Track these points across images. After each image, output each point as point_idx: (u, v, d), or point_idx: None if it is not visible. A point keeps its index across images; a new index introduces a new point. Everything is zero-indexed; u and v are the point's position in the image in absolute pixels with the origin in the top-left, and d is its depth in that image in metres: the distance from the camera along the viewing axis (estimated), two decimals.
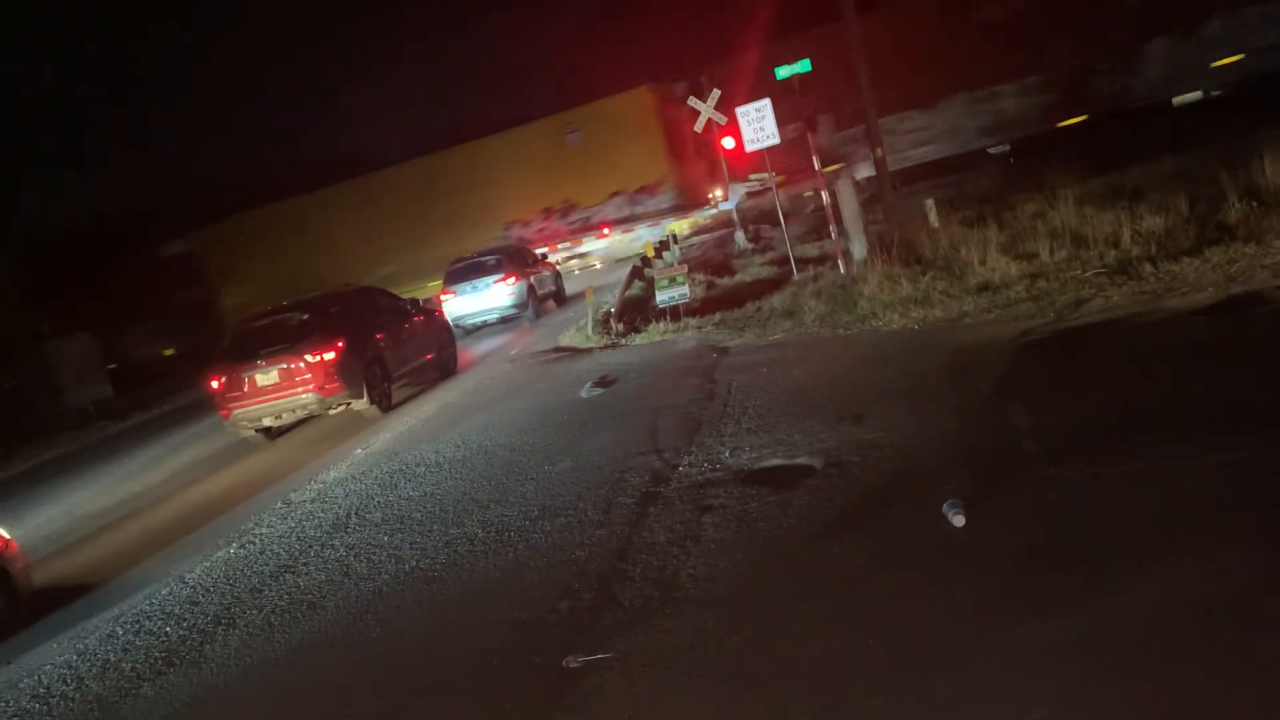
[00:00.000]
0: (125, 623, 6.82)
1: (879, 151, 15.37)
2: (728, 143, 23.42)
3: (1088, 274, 9.73)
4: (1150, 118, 21.67)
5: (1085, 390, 6.63)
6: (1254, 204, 10.02)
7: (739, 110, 14.59)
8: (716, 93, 19.78)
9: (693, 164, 28.48)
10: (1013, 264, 10.90)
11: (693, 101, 20.66)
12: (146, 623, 6.71)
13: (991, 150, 24.92)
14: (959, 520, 4.90)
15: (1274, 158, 10.79)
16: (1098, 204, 12.57)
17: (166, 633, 6.44)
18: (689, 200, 29.87)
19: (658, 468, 7.20)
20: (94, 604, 7.65)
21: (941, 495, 5.18)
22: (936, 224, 14.54)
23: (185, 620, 6.57)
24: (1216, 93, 24.45)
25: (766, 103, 14.33)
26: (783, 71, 14.70)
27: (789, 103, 14.96)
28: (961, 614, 4.15)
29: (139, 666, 6.01)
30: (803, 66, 14.33)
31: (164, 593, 7.27)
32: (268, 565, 7.31)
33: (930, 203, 15.42)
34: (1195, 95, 24.66)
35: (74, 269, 32.15)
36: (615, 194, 30.84)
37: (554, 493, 7.22)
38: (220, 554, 7.92)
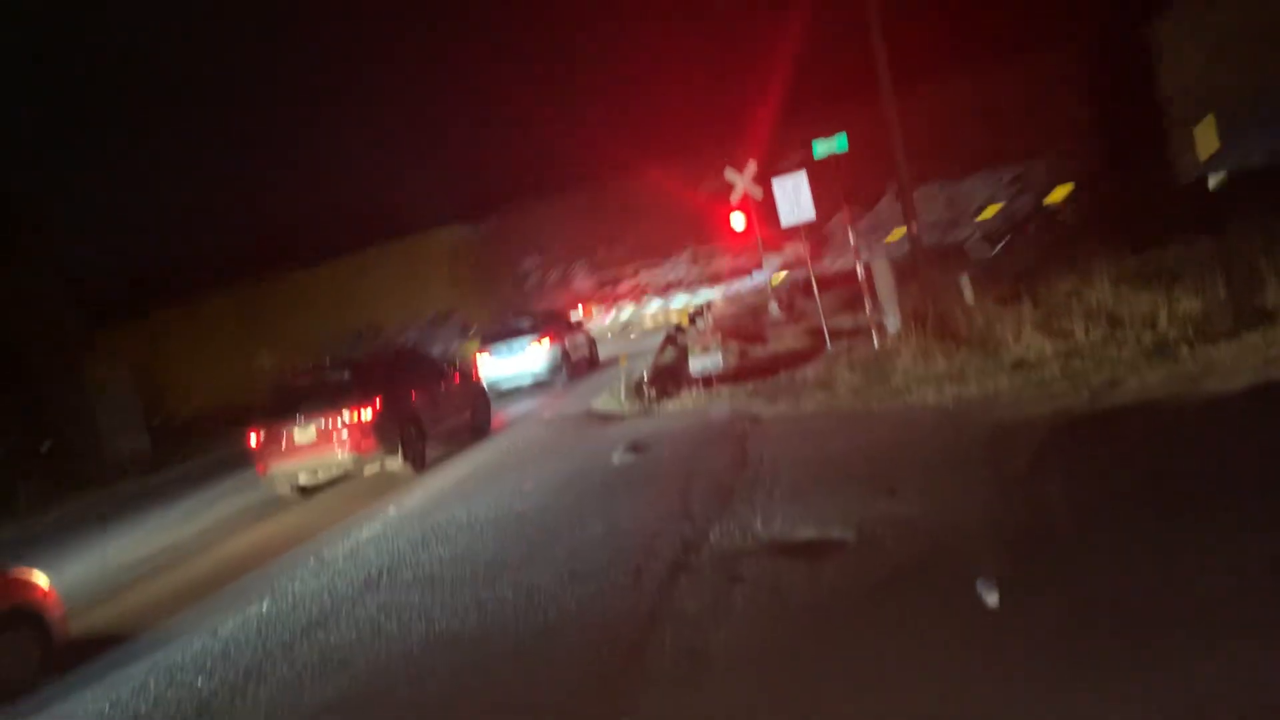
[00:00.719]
0: (158, 674, 6.89)
1: (913, 227, 15.48)
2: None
3: (1124, 355, 9.72)
4: (1187, 198, 21.63)
5: (1119, 473, 6.61)
6: None
7: (775, 181, 14.70)
8: (753, 165, 20.06)
9: (736, 235, 28.72)
10: (1047, 342, 10.89)
11: (729, 173, 20.96)
12: (179, 675, 6.78)
13: (1025, 229, 25.01)
14: (992, 599, 4.89)
15: None
16: (1134, 283, 12.57)
17: (198, 686, 6.50)
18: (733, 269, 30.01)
19: (689, 535, 7.22)
20: (128, 655, 7.72)
21: (975, 573, 5.17)
22: (972, 300, 14.57)
23: (217, 674, 6.62)
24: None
25: (802, 174, 14.40)
26: (820, 148, 14.88)
27: (823, 178, 15.12)
28: (993, 695, 4.13)
29: (170, 719, 6.07)
30: (840, 144, 14.48)
31: (197, 645, 7.34)
32: (299, 621, 7.37)
33: (965, 278, 15.47)
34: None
35: (115, 320, 32.73)
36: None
37: (585, 557, 7.26)
38: (253, 609, 7.99)
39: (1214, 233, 15.40)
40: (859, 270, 14.75)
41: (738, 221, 24.32)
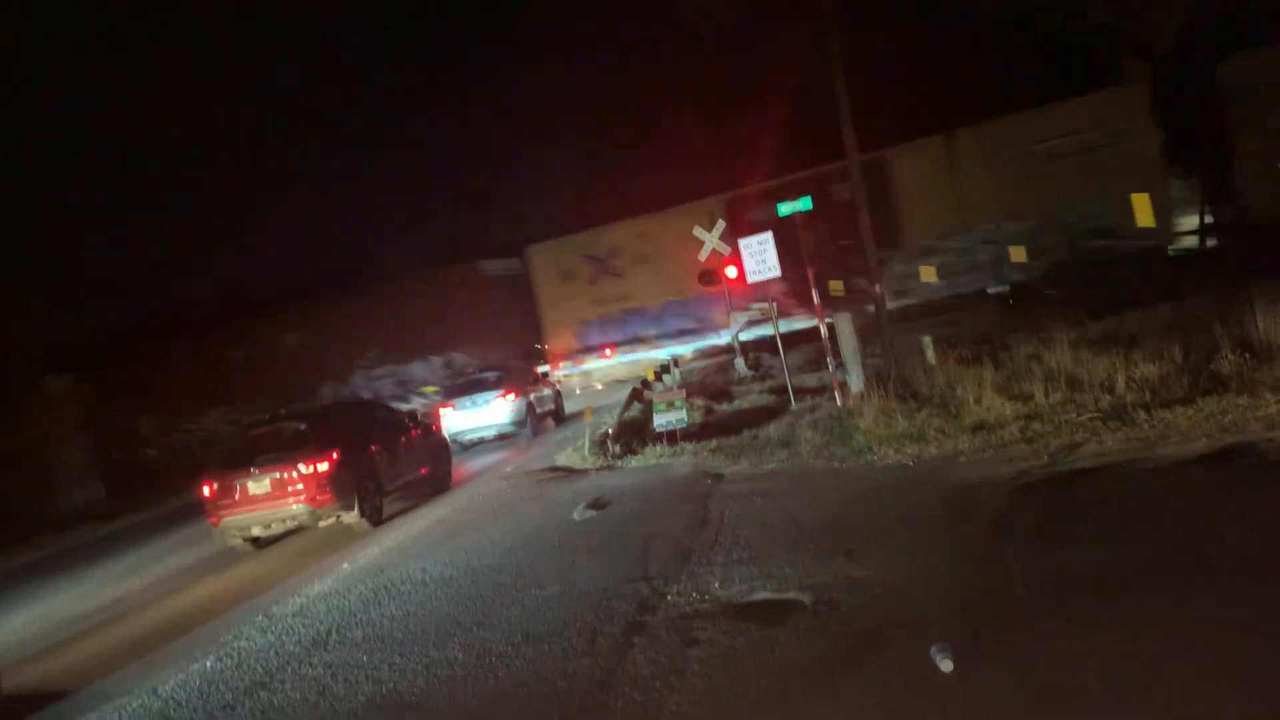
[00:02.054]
0: None
1: (877, 288, 15.63)
2: (731, 272, 23.83)
3: (1082, 418, 9.79)
4: (1146, 266, 22.04)
5: (1077, 537, 6.60)
6: (1246, 355, 10.14)
7: (741, 242, 14.95)
8: (721, 224, 20.24)
9: (700, 291, 28.67)
10: (1008, 404, 10.96)
11: (698, 231, 21.14)
12: None
13: (991, 290, 25.25)
14: (947, 665, 4.82)
15: (1265, 310, 10.97)
16: (1093, 348, 12.71)
17: None
18: (699, 327, 30.00)
19: (646, 596, 7.11)
20: (63, 713, 7.47)
21: (930, 638, 5.11)
22: (933, 361, 14.68)
23: None
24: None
25: (769, 236, 14.69)
26: (785, 208, 15.06)
27: (790, 237, 15.30)
28: None
29: None
30: (804, 204, 14.68)
31: (135, 705, 7.10)
32: (243, 680, 7.15)
33: (927, 340, 15.59)
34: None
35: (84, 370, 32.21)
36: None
37: (539, 618, 7.12)
38: (196, 666, 7.75)
39: (1172, 300, 15.70)
40: (822, 329, 14.83)
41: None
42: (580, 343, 30.13)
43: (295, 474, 12.06)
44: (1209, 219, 25.87)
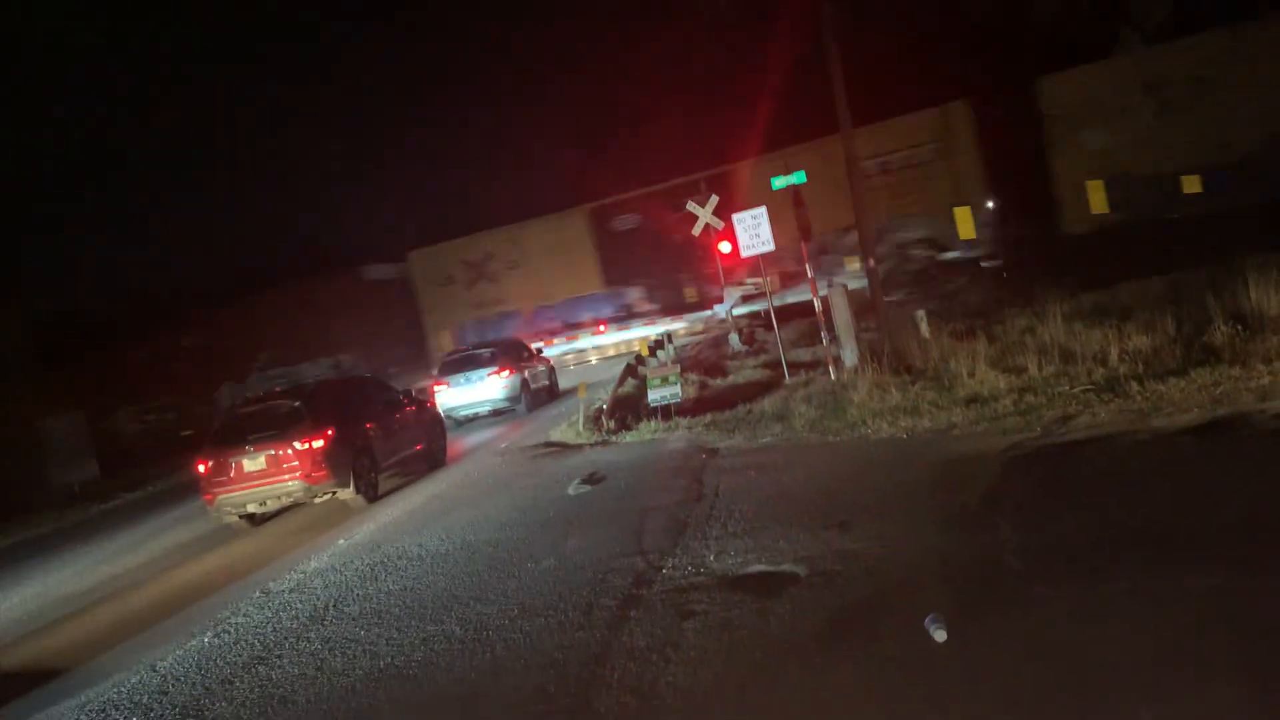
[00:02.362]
0: (90, 711, 6.68)
1: (871, 261, 15.62)
2: (724, 247, 24.01)
3: (1075, 390, 9.82)
4: (1139, 238, 22.07)
5: (1070, 508, 6.64)
6: (1239, 327, 10.18)
7: (735, 217, 14.90)
8: (714, 198, 20.18)
9: (697, 266, 28.83)
10: (1001, 377, 10.99)
11: (691, 206, 21.07)
12: (113, 712, 6.56)
13: (985, 264, 25.27)
14: (940, 635, 4.86)
15: (1258, 282, 11.00)
16: (1087, 321, 12.75)
17: None
18: (695, 302, 30.19)
19: (641, 569, 7.14)
20: (61, 690, 7.48)
21: (924, 609, 5.14)
22: (927, 335, 14.70)
23: (152, 711, 6.42)
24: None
25: (763, 210, 14.64)
26: (779, 182, 15.03)
27: (785, 211, 15.28)
28: None
29: None
30: (798, 178, 14.66)
31: (133, 681, 7.12)
32: (241, 656, 7.18)
33: (922, 313, 15.61)
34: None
35: (76, 348, 31.99)
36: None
37: (535, 591, 7.15)
38: (194, 643, 7.78)
39: (1166, 272, 15.72)
40: (816, 304, 14.83)
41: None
42: (459, 345, 31.04)
43: (291, 451, 12.06)
44: (1003, 235, 26.28)
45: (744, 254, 14.95)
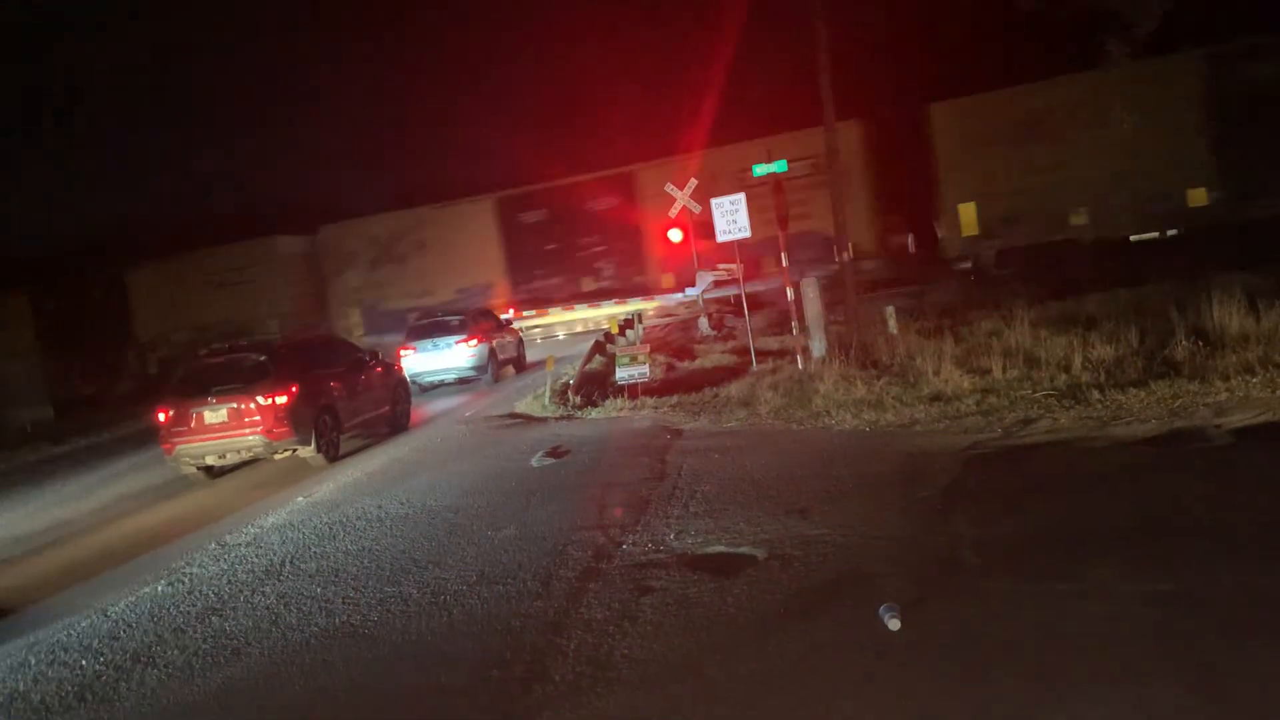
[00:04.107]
0: (40, 652, 6.63)
1: (845, 255, 15.73)
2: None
3: (1037, 395, 9.98)
4: (1109, 252, 22.42)
5: (1026, 507, 6.77)
6: (1200, 343, 10.38)
7: (714, 201, 14.90)
8: (693, 182, 20.20)
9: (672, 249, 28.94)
10: (966, 378, 11.14)
11: (669, 188, 21.07)
12: (62, 654, 6.52)
13: (955, 267, 25.52)
14: (894, 624, 4.95)
15: (1221, 300, 11.21)
16: (1052, 328, 12.93)
17: (82, 666, 6.26)
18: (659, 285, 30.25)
19: (601, 543, 7.19)
20: (8, 630, 7.43)
21: (879, 597, 5.24)
22: (895, 331, 14.84)
23: (103, 655, 6.39)
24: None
25: (741, 197, 14.66)
26: (760, 169, 15.06)
27: (762, 199, 15.33)
28: (887, 717, 4.19)
29: (49, 699, 5.84)
30: (779, 166, 14.71)
31: (84, 625, 7.08)
32: (194, 606, 7.15)
33: (891, 310, 15.75)
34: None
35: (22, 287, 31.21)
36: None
37: (494, 560, 7.18)
38: (147, 590, 7.74)
39: (1132, 286, 15.97)
40: (789, 293, 14.91)
41: (675, 235, 24.71)
42: (366, 324, 30.85)
43: (253, 405, 11.97)
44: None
45: (720, 239, 14.97)
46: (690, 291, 23.89)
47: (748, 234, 14.67)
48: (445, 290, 30.50)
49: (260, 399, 11.98)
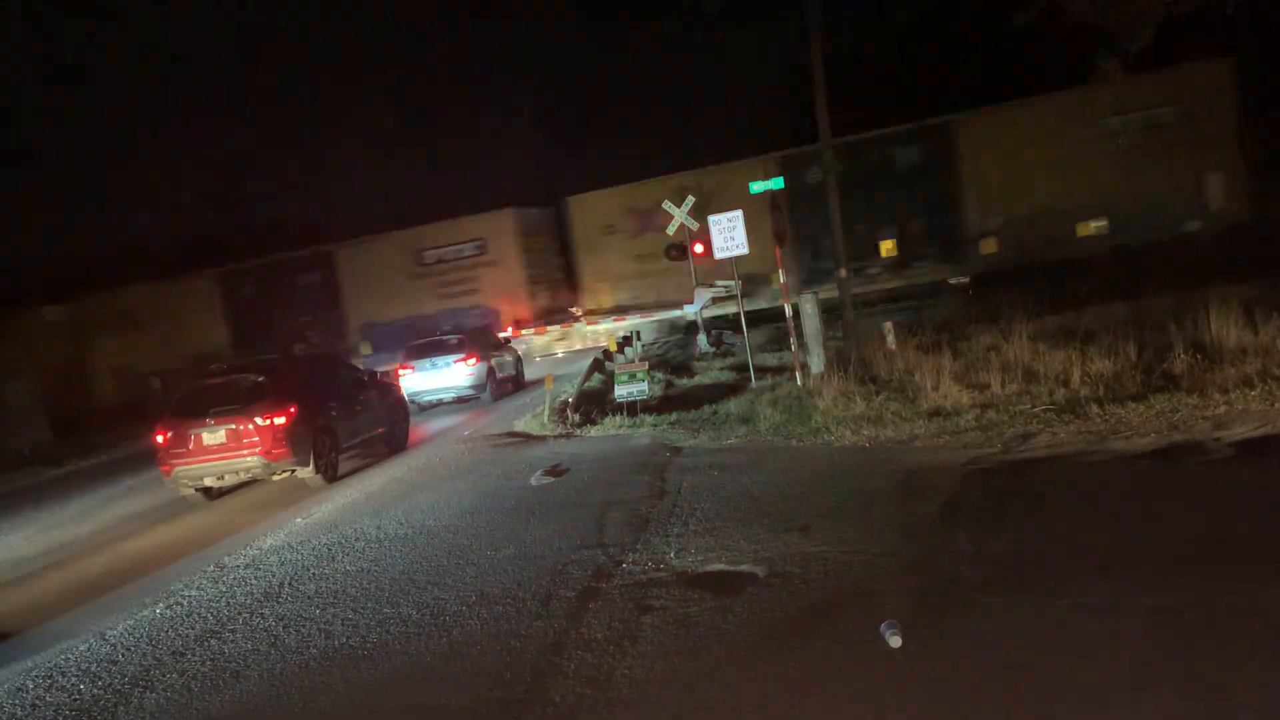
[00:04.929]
0: (38, 677, 6.60)
1: (843, 272, 15.76)
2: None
3: (1036, 409, 9.98)
4: (1106, 264, 22.47)
5: (1026, 523, 6.76)
6: (1198, 356, 10.39)
7: (711, 218, 14.94)
8: (691, 199, 20.24)
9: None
10: (964, 393, 11.14)
11: (667, 205, 21.12)
12: (60, 679, 6.49)
13: (952, 281, 25.58)
14: (895, 641, 4.93)
15: (1219, 313, 11.23)
16: (1050, 342, 12.94)
17: (80, 690, 6.23)
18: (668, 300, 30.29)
19: (601, 562, 7.17)
20: (6, 654, 7.39)
21: (880, 614, 5.22)
22: (894, 346, 14.85)
23: (101, 679, 6.36)
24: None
25: (739, 214, 14.71)
26: (756, 187, 15.12)
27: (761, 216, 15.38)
28: None
29: None
30: (776, 184, 14.76)
31: (82, 648, 7.05)
32: (193, 629, 7.13)
33: (889, 325, 15.77)
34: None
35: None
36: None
37: (494, 580, 7.16)
38: (145, 613, 7.71)
39: (1130, 298, 15.98)
40: (787, 309, 14.93)
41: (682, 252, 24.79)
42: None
43: (251, 426, 11.96)
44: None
45: (717, 256, 15.01)
46: (689, 309, 23.89)
47: (745, 250, 14.69)
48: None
49: (258, 420, 11.97)
